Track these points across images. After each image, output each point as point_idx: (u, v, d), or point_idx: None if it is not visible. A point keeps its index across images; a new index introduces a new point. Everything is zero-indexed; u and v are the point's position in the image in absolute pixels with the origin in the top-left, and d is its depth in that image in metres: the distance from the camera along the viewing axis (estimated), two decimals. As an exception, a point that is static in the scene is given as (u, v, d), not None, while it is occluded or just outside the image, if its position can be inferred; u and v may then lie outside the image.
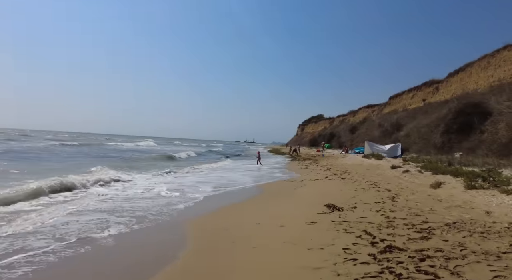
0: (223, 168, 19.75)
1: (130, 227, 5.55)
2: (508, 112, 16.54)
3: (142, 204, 7.43)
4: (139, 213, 6.51)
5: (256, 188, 10.47)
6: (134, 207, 7.10)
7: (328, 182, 10.80)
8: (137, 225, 5.71)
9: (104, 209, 6.79)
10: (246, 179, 13.64)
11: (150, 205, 7.39)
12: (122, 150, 36.54)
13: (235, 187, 10.93)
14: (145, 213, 6.59)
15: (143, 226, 5.68)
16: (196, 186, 10.72)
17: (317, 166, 18.71)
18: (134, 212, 6.63)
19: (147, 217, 6.30)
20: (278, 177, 14.38)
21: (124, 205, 7.22)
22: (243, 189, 10.67)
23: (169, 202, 7.84)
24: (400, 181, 9.53)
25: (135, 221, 5.91)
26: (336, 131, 59.95)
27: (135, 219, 6.03)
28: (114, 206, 7.16)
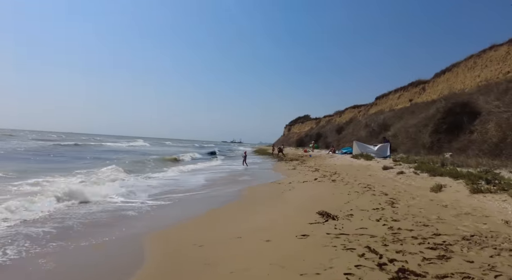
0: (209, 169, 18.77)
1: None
2: (497, 112, 16.29)
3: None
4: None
5: (239, 192, 9.52)
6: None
7: (318, 185, 9.99)
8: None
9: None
10: (227, 180, 12.73)
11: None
12: (121, 151, 35.14)
13: (214, 189, 9.97)
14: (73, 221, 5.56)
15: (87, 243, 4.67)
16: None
17: (305, 167, 17.94)
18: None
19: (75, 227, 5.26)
20: (264, 178, 13.50)
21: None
22: (224, 192, 9.75)
23: (119, 207, 6.84)
24: (396, 183, 8.81)
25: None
26: (322, 131, 59.86)
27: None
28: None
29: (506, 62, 19.98)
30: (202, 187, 11.19)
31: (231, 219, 6.17)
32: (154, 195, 9.00)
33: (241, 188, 10.33)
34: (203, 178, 14.31)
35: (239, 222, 5.86)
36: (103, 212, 6.79)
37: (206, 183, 12.47)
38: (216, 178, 14.35)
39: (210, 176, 15.02)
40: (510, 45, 20.18)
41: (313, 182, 10.72)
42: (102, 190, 8.63)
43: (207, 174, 16.16)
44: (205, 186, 11.67)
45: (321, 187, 9.52)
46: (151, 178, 13.24)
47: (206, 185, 11.91)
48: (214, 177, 14.94)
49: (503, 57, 20.40)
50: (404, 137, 25.56)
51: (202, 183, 12.41)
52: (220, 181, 13.23)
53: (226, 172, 17.45)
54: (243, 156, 22.24)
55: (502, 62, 20.32)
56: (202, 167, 20.57)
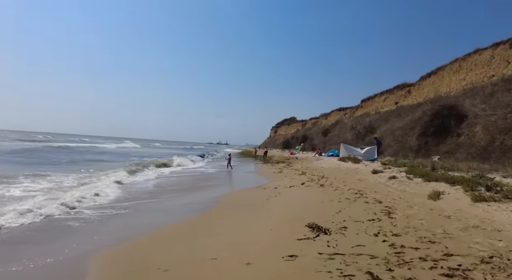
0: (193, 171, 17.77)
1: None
2: (484, 115, 16.17)
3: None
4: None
5: (218, 198, 8.67)
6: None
7: (306, 190, 9.28)
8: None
9: None
10: (205, 185, 11.86)
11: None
12: (119, 154, 33.67)
13: (188, 194, 9.07)
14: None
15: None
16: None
17: (292, 170, 17.27)
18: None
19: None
20: (248, 182, 12.70)
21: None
22: (200, 198, 8.85)
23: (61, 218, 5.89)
24: (389, 189, 8.21)
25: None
26: (308, 134, 59.74)
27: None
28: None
29: (491, 66, 20.06)
30: (174, 192, 10.24)
31: (205, 232, 5.33)
32: (115, 202, 8.03)
33: (221, 194, 9.45)
34: (177, 181, 13.37)
35: (215, 236, 5.03)
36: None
37: (179, 188, 11.51)
38: (192, 182, 13.41)
39: (186, 180, 14.08)
40: (495, 49, 20.29)
41: (300, 187, 10.02)
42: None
43: (184, 177, 15.19)
44: (179, 190, 10.74)
45: (309, 192, 8.82)
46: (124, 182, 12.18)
47: (180, 189, 10.99)
48: (190, 180, 13.99)
49: (488, 60, 20.49)
50: (390, 140, 25.40)
51: (175, 188, 11.41)
52: (197, 185, 12.30)
53: (205, 175, 16.53)
54: (227, 158, 21.36)
55: (487, 66, 20.40)
56: (180, 170, 19.54)
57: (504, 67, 18.77)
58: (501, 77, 18.01)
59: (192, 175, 15.94)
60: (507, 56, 18.95)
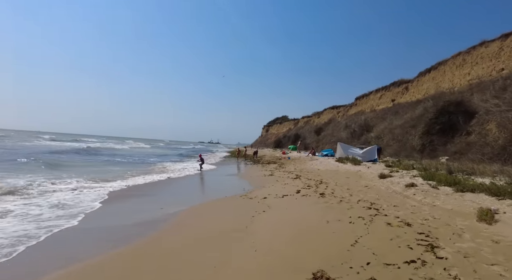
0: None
1: None
2: (498, 111, 14.53)
3: None
4: None
5: (187, 213, 6.60)
6: None
7: (302, 202, 7.30)
8: None
9: None
10: (171, 193, 9.77)
11: None
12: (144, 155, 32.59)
13: (131, 211, 6.93)
14: None
15: None
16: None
17: (284, 172, 15.31)
18: None
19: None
20: (232, 189, 10.60)
21: None
22: (141, 217, 6.28)
23: None
24: (412, 202, 6.30)
25: None
26: (301, 132, 58.03)
27: None
28: None
29: (500, 59, 18.49)
30: (104, 208, 7.14)
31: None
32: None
33: (187, 207, 7.32)
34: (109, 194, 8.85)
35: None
36: None
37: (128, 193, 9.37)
38: (144, 190, 10.07)
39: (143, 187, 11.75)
40: (503, 40, 18.73)
41: (295, 197, 8.04)
42: None
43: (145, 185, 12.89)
44: (114, 203, 7.79)
45: (307, 206, 6.85)
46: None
47: (129, 195, 8.85)
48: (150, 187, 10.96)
49: (496, 53, 18.92)
50: (389, 139, 23.72)
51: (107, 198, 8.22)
52: (152, 192, 9.78)
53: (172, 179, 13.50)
54: (198, 161, 18.31)
55: (495, 59, 18.83)
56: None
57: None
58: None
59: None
60: (518, 47, 17.37)
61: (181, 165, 21.38)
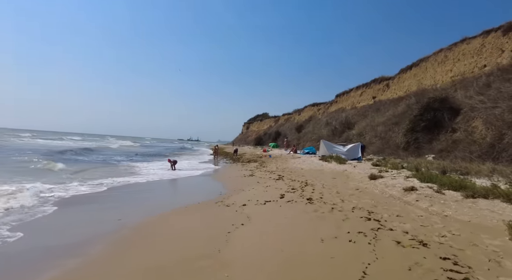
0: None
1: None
2: (483, 108, 14.17)
3: None
4: None
5: (141, 227, 5.35)
6: None
7: (288, 211, 6.20)
8: None
9: None
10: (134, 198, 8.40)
11: None
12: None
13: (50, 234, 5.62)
14: None
15: None
16: None
17: (265, 172, 14.22)
18: None
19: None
20: (203, 193, 9.35)
21: None
22: (96, 232, 5.33)
23: None
24: (417, 211, 5.36)
25: None
26: (282, 130, 57.39)
27: None
28: None
29: (481, 55, 18.33)
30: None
31: None
32: None
33: (146, 217, 6.04)
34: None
35: None
36: None
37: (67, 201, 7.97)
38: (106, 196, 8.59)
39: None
40: (485, 37, 18.59)
41: (279, 203, 6.94)
42: None
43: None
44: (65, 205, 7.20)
45: (294, 216, 5.75)
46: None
47: (64, 203, 7.46)
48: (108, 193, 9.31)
49: (478, 50, 18.76)
50: (372, 136, 23.26)
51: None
52: (113, 202, 7.96)
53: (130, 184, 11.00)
54: (171, 161, 16.68)
55: (477, 56, 18.66)
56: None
57: (498, 56, 17.03)
58: (496, 67, 16.18)
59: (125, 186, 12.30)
60: (500, 44, 17.23)
61: (152, 165, 19.74)
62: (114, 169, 16.01)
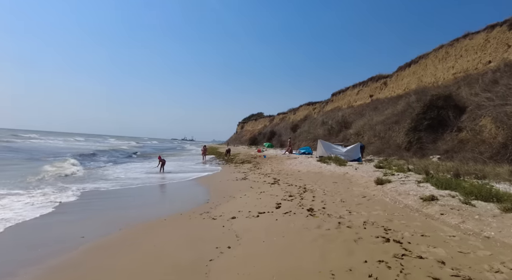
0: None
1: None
2: (491, 106, 13.29)
3: None
4: None
5: (106, 247, 4.26)
6: None
7: (285, 226, 5.13)
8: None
9: None
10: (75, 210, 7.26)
11: None
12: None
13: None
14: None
15: None
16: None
17: (260, 175, 13.16)
18: None
19: None
20: (190, 201, 8.27)
21: None
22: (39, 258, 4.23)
23: None
24: (445, 228, 4.36)
25: None
26: (276, 129, 56.41)
27: None
28: None
29: (486, 51, 17.50)
30: None
31: None
32: None
33: (112, 232, 4.94)
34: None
35: None
36: None
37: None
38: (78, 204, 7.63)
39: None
40: (489, 32, 17.77)
41: (274, 215, 5.88)
42: None
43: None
44: None
45: (293, 234, 4.69)
46: None
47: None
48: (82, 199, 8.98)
49: (481, 45, 17.94)
50: (370, 136, 22.35)
51: None
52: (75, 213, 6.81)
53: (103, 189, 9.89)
54: (157, 166, 15.90)
55: (481, 51, 17.84)
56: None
57: (504, 51, 16.20)
58: (503, 62, 15.34)
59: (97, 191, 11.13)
60: (506, 39, 16.41)
61: (135, 165, 18.53)
62: (94, 171, 14.80)
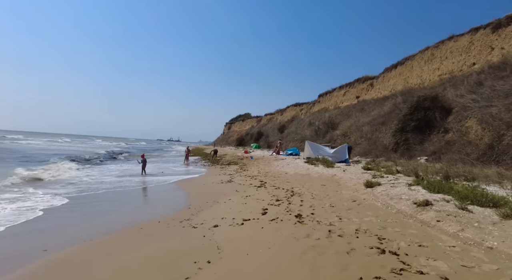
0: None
1: None
2: (477, 107, 13.33)
3: None
4: None
5: (68, 263, 3.74)
6: None
7: (272, 236, 4.71)
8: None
9: None
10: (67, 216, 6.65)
11: None
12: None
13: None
14: None
15: None
16: None
17: (246, 177, 12.73)
18: None
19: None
20: (169, 206, 7.75)
21: None
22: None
23: None
24: (443, 237, 4.05)
25: None
26: (264, 130, 56.10)
27: None
28: None
29: (470, 53, 17.70)
30: None
31: None
32: None
33: (62, 252, 4.39)
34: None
35: None
36: None
37: None
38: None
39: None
40: (473, 34, 17.99)
41: (261, 223, 5.45)
42: None
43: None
44: None
45: (280, 245, 4.28)
46: None
47: None
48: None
49: (466, 47, 18.14)
50: (357, 137, 22.30)
51: None
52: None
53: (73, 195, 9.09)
54: (139, 161, 15.50)
55: (465, 53, 18.03)
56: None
57: (488, 53, 16.39)
58: (487, 64, 15.49)
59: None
60: (490, 41, 16.62)
61: (115, 167, 17.74)
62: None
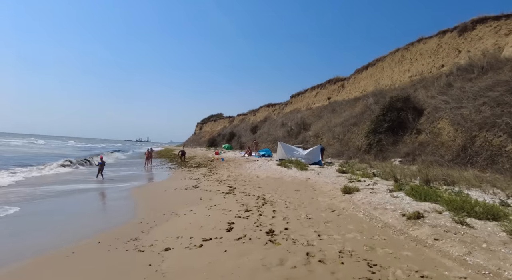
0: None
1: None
2: (448, 108, 13.30)
3: None
4: None
5: None
6: None
7: (236, 263, 3.73)
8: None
9: None
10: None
11: None
12: None
13: None
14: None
15: None
16: None
17: (214, 182, 11.65)
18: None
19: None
20: (116, 220, 6.51)
21: None
22: None
23: None
24: (447, 262, 3.33)
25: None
26: (236, 131, 55.03)
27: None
28: None
29: (439, 55, 17.94)
30: None
31: None
32: None
33: None
34: None
35: None
36: None
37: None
38: None
39: None
40: (441, 37, 18.28)
41: (225, 243, 4.45)
42: None
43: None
44: None
45: (245, 277, 3.30)
46: None
47: None
48: None
49: (435, 50, 18.39)
50: (329, 138, 21.99)
51: None
52: None
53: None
54: (97, 163, 14.18)
55: (434, 55, 18.27)
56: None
57: (455, 56, 16.64)
58: (455, 67, 15.66)
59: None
60: (457, 44, 16.90)
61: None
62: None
